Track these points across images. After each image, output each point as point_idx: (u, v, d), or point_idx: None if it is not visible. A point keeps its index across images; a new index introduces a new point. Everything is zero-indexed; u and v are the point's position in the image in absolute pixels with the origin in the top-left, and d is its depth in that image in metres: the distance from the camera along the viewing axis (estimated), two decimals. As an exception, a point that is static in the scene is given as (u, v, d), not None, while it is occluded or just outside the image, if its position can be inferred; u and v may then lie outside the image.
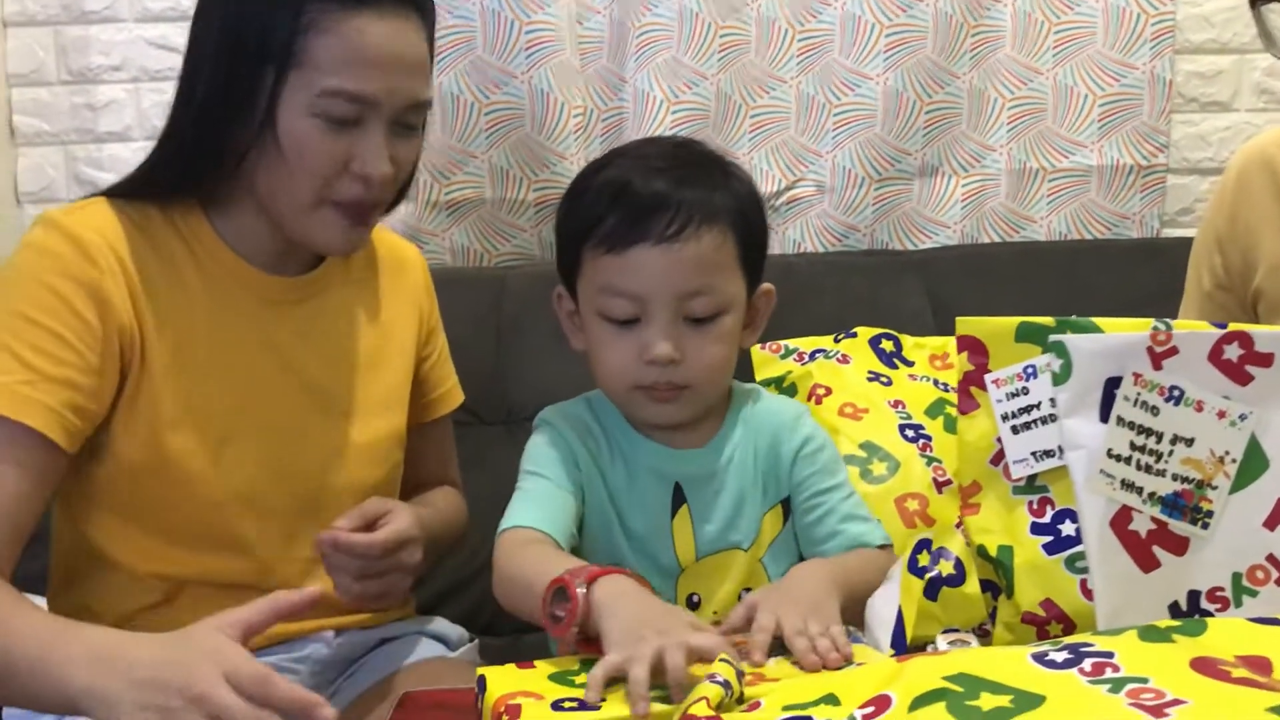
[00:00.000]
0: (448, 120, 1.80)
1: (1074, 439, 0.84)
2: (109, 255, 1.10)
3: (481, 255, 1.87)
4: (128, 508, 1.13)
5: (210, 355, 1.14)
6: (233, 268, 1.17)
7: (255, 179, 1.13)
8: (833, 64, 1.86)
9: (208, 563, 1.13)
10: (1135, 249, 1.84)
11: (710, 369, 1.12)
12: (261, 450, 1.15)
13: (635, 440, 1.16)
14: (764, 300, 1.19)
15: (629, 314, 1.10)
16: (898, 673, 0.68)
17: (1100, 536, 0.83)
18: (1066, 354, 0.83)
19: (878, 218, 1.90)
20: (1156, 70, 1.88)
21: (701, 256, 1.09)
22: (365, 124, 1.10)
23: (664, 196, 1.08)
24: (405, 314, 1.31)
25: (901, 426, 1.51)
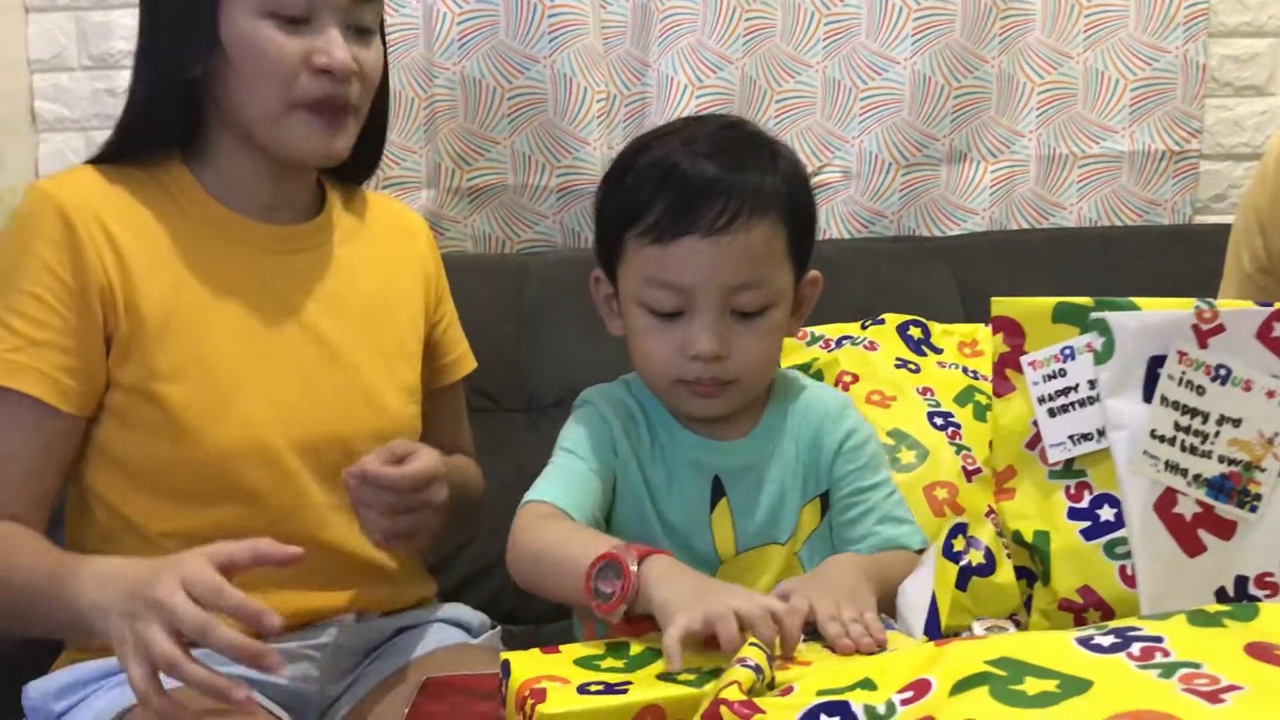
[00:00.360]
0: (470, 105, 1.79)
1: (1116, 419, 0.81)
2: (87, 217, 1.12)
3: (503, 242, 1.85)
4: (134, 469, 1.13)
5: (211, 306, 1.15)
6: (223, 219, 1.18)
7: (221, 105, 1.15)
8: (859, 48, 1.83)
9: (219, 516, 1.13)
10: (1168, 235, 1.81)
11: (756, 365, 1.08)
12: (268, 397, 1.15)
13: (675, 430, 1.13)
14: (810, 288, 1.15)
15: (673, 306, 1.06)
16: (936, 657, 0.65)
17: (1143, 520, 0.80)
18: (1109, 332, 0.81)
19: (905, 204, 1.87)
20: (1190, 54, 1.84)
21: (751, 249, 1.04)
22: (316, 21, 1.12)
23: (713, 183, 1.04)
24: (411, 276, 1.31)
25: (930, 414, 1.48)
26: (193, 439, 1.11)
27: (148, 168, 1.17)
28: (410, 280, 1.31)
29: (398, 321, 1.28)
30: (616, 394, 1.16)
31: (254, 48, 1.11)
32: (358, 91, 1.16)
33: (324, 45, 1.11)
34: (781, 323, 1.10)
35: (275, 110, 1.13)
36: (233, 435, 1.12)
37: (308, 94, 1.12)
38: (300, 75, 1.12)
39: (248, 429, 1.13)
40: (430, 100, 1.78)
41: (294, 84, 1.12)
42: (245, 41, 1.11)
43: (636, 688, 0.80)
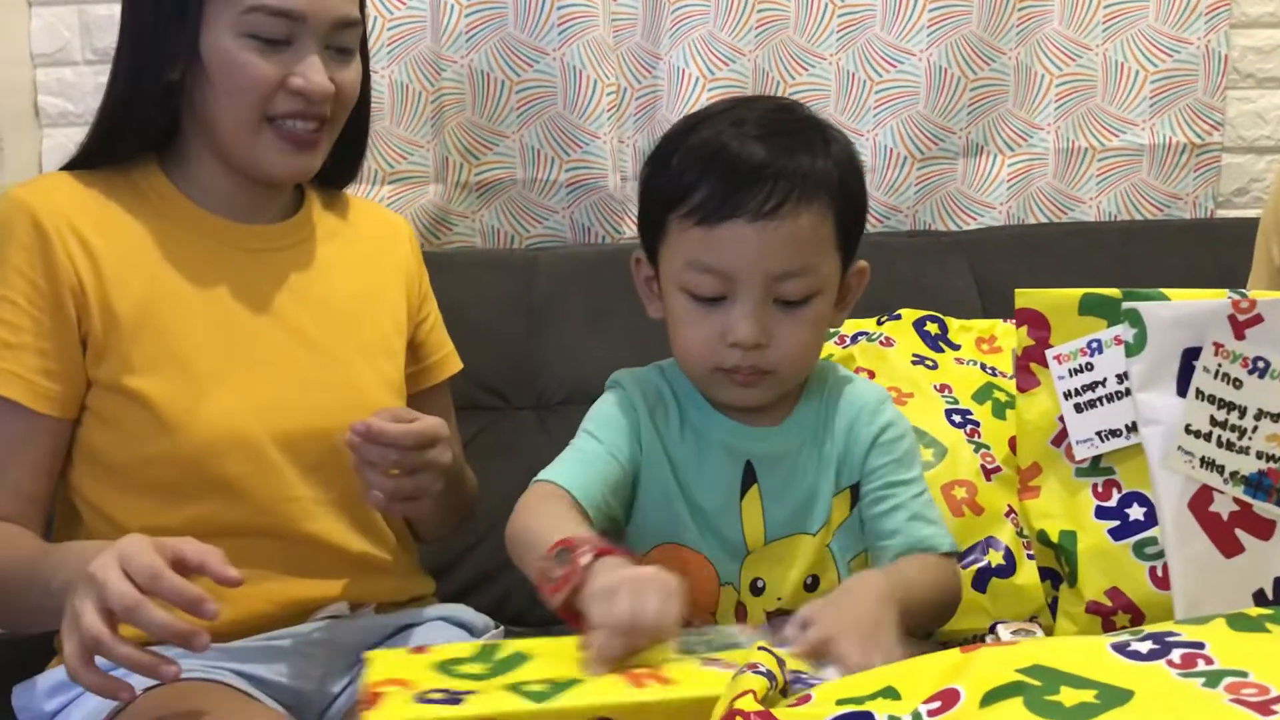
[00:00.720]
0: (478, 99, 1.76)
1: (1149, 414, 0.78)
2: (58, 221, 1.12)
3: (512, 237, 1.83)
4: (116, 467, 1.13)
5: (186, 301, 1.15)
6: (204, 221, 1.19)
7: (197, 116, 1.16)
8: (874, 39, 1.80)
9: (200, 511, 1.12)
10: (1191, 229, 1.78)
11: (797, 355, 1.06)
12: (247, 389, 1.15)
13: (707, 413, 1.11)
14: (857, 278, 1.11)
15: (715, 291, 1.03)
16: (963, 664, 0.62)
17: (1178, 519, 0.77)
18: (1141, 323, 0.78)
19: (920, 198, 1.84)
20: (1211, 45, 1.81)
21: (799, 236, 1.01)
22: (296, 42, 1.13)
23: (762, 167, 1.00)
24: (392, 276, 1.31)
25: (948, 412, 1.45)
26: (171, 433, 1.11)
27: (123, 172, 1.18)
28: (393, 280, 1.30)
29: (380, 319, 1.27)
30: (648, 376, 1.14)
31: (232, 66, 1.12)
32: (333, 109, 1.17)
33: (302, 69, 1.13)
34: (825, 313, 1.07)
35: (247, 126, 1.14)
36: (211, 428, 1.12)
37: (281, 110, 1.14)
38: (276, 95, 1.13)
39: (227, 421, 1.12)
40: (438, 94, 1.75)
41: (269, 102, 1.13)
42: (224, 59, 1.12)
43: (476, 699, 0.77)
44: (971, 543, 1.36)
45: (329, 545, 1.17)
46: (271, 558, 1.14)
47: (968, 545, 1.36)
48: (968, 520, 1.37)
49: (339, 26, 1.15)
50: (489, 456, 1.52)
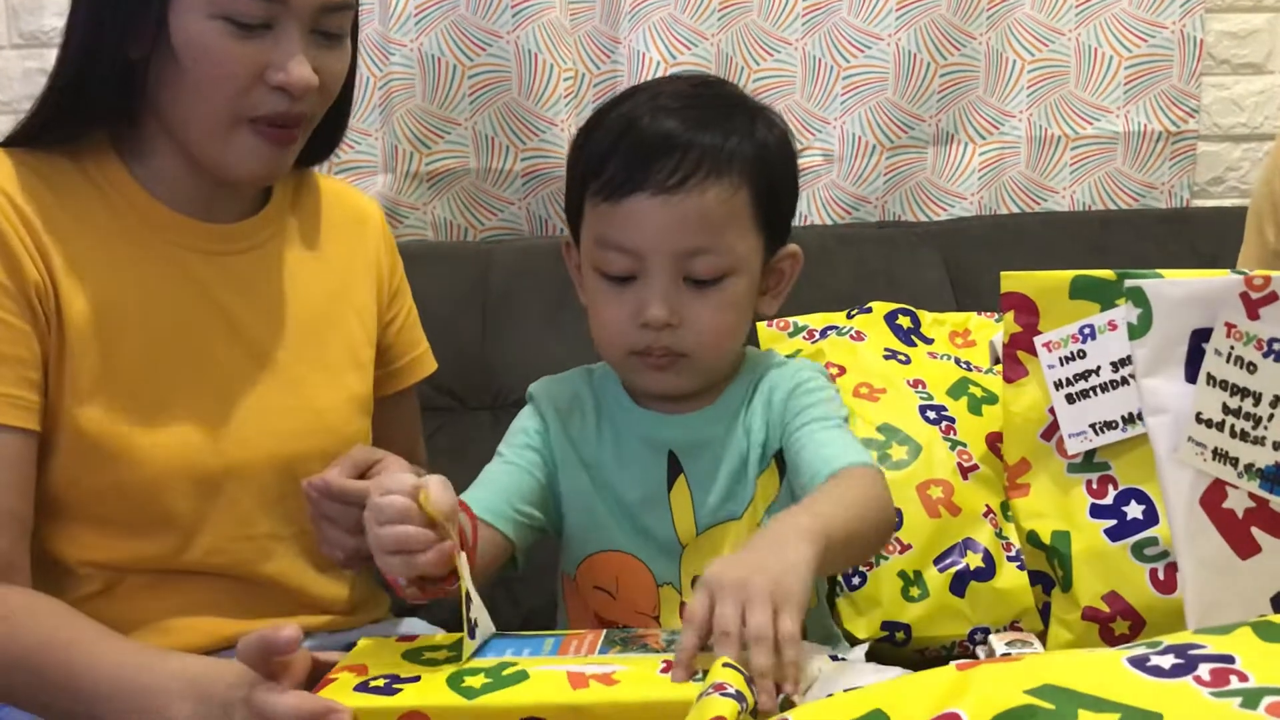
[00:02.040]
0: (428, 85, 1.68)
1: (1155, 402, 0.71)
2: (8, 209, 0.98)
3: (465, 230, 1.75)
4: (52, 496, 1.01)
5: (137, 315, 1.02)
6: (156, 216, 1.05)
7: (161, 104, 1.02)
8: (841, 23, 1.74)
9: (149, 549, 1.01)
10: (1169, 218, 1.73)
11: (711, 337, 1.01)
12: (198, 418, 1.03)
13: (627, 408, 1.07)
14: (789, 263, 1.07)
15: (625, 270, 0.99)
16: (962, 684, 0.55)
17: (1188, 517, 0.70)
18: (1146, 302, 0.71)
19: (889, 189, 1.78)
20: (1186, 29, 1.76)
21: (706, 211, 0.97)
22: (276, 28, 0.99)
23: (670, 139, 0.97)
24: (361, 273, 1.19)
25: (922, 408, 1.39)
26: (115, 464, 1.00)
27: (72, 154, 1.04)
28: (361, 277, 1.19)
29: (347, 327, 1.16)
30: (565, 381, 1.12)
31: (203, 51, 0.98)
32: (314, 105, 1.04)
33: (281, 59, 0.99)
34: (743, 295, 1.02)
35: (219, 123, 1.00)
36: (160, 459, 1.01)
37: (258, 111, 1.00)
38: (253, 90, 0.99)
39: (177, 451, 1.01)
40: (386, 79, 1.68)
41: (244, 98, 0.99)
42: (195, 44, 0.97)
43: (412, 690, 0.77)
44: (949, 545, 1.30)
45: (287, 588, 1.08)
46: (224, 599, 1.04)
47: (945, 548, 1.30)
48: (944, 521, 1.31)
49: (327, 10, 1.01)
50: (443, 459, 1.44)
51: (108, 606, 1.01)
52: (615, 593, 1.07)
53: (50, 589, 1.00)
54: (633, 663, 0.79)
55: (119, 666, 0.90)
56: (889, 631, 1.29)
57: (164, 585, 1.03)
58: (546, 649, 0.84)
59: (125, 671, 0.90)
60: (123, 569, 1.03)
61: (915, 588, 1.29)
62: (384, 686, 0.78)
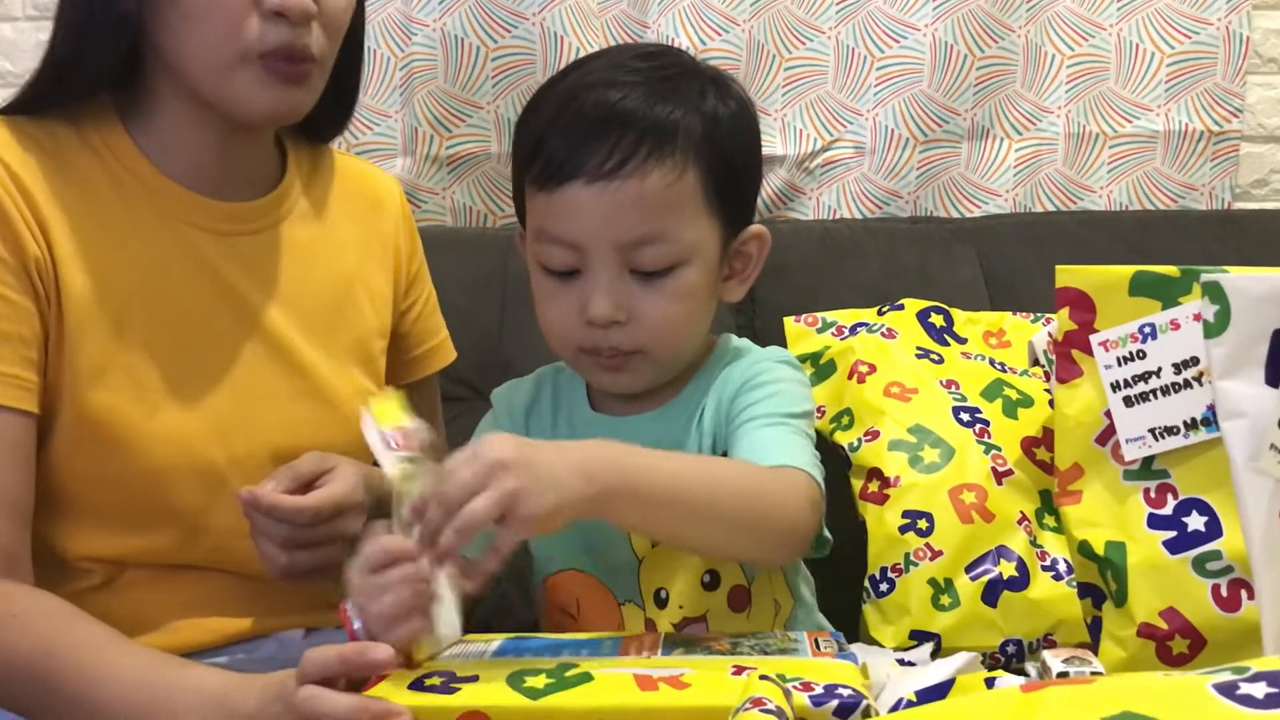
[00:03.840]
0: (450, 66, 1.64)
1: (1232, 405, 0.67)
2: (7, 180, 0.94)
3: (485, 216, 1.71)
4: (50, 485, 0.97)
5: (141, 294, 0.98)
6: (164, 191, 1.00)
7: (164, 50, 0.96)
8: (876, 12, 1.69)
9: (150, 542, 0.97)
10: (1211, 220, 1.68)
11: (662, 331, 0.94)
12: (206, 407, 0.99)
13: (582, 412, 1.01)
14: (755, 245, 1.00)
15: (567, 264, 0.93)
16: (1029, 708, 0.50)
17: (1268, 530, 0.66)
18: (1224, 298, 0.67)
19: (921, 183, 1.73)
20: (1232, 26, 1.71)
21: (647, 197, 0.90)
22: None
23: (608, 119, 0.90)
24: (377, 255, 1.14)
25: (955, 409, 1.35)
26: (116, 454, 0.95)
27: (75, 122, 0.99)
28: (377, 260, 1.14)
29: (361, 314, 1.11)
30: (524, 384, 1.07)
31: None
32: (320, 39, 0.98)
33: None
34: (697, 285, 0.95)
35: (222, 60, 0.95)
36: (162, 451, 0.96)
37: (261, 42, 0.94)
38: (250, 18, 0.94)
39: (180, 444, 0.97)
40: (407, 60, 1.64)
41: (242, 29, 0.94)
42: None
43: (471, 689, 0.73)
44: (981, 552, 1.26)
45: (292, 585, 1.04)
46: (227, 595, 1.01)
47: (977, 555, 1.26)
48: (977, 527, 1.26)
49: None
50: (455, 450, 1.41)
51: (107, 601, 0.96)
52: (577, 615, 1.01)
53: (48, 583, 0.96)
54: (700, 665, 0.75)
55: (136, 682, 0.86)
56: (917, 641, 1.24)
57: (166, 580, 0.99)
58: (605, 649, 0.80)
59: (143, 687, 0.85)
60: (123, 563, 0.99)
61: (945, 596, 1.25)
62: (441, 685, 0.74)
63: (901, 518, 1.27)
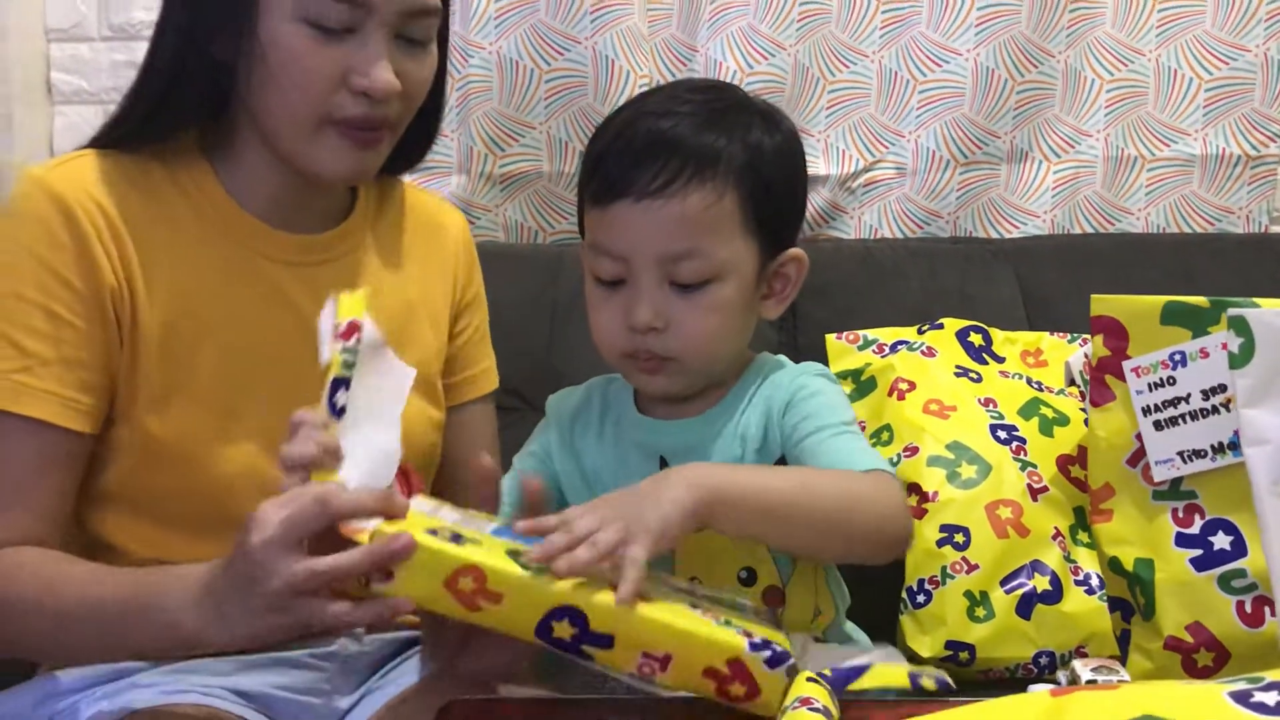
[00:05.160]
0: (505, 87, 1.70)
1: (1256, 433, 0.71)
2: (95, 213, 1.00)
3: (536, 232, 1.76)
4: (124, 494, 1.03)
5: (215, 322, 1.04)
6: (242, 225, 1.06)
7: (250, 104, 1.03)
8: (919, 37, 1.73)
9: (214, 548, 1.02)
10: (1249, 244, 1.71)
11: (699, 340, 1.01)
12: (269, 427, 1.03)
13: (630, 415, 1.09)
14: (794, 267, 1.06)
15: (615, 274, 1.01)
16: (1057, 712, 0.55)
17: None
18: (1248, 331, 0.71)
19: (962, 204, 1.77)
20: (1270, 53, 1.74)
21: (687, 216, 0.98)
22: (361, 32, 1.00)
23: (657, 145, 0.99)
24: (438, 284, 1.20)
25: (993, 427, 1.39)
26: (187, 470, 1.02)
27: (161, 155, 1.05)
28: (437, 285, 1.20)
29: (423, 340, 1.17)
30: (576, 391, 1.15)
31: (288, 54, 0.99)
32: (398, 109, 1.04)
33: (363, 64, 0.99)
34: (732, 299, 1.02)
35: (304, 124, 1.01)
36: (231, 468, 1.02)
37: (341, 113, 1.01)
38: (336, 93, 1.00)
39: (247, 461, 1.03)
40: (464, 81, 1.69)
41: (327, 100, 1.00)
42: (280, 45, 0.99)
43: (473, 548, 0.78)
44: (1016, 566, 1.30)
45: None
46: None
47: (1012, 569, 1.30)
48: (1012, 542, 1.30)
49: (412, 15, 1.02)
50: (504, 460, 1.46)
51: None
52: None
53: None
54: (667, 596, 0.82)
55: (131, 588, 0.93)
56: (953, 651, 1.29)
57: None
58: None
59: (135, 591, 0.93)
60: None
61: (981, 608, 1.29)
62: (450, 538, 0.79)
63: (939, 532, 1.31)
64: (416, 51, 1.04)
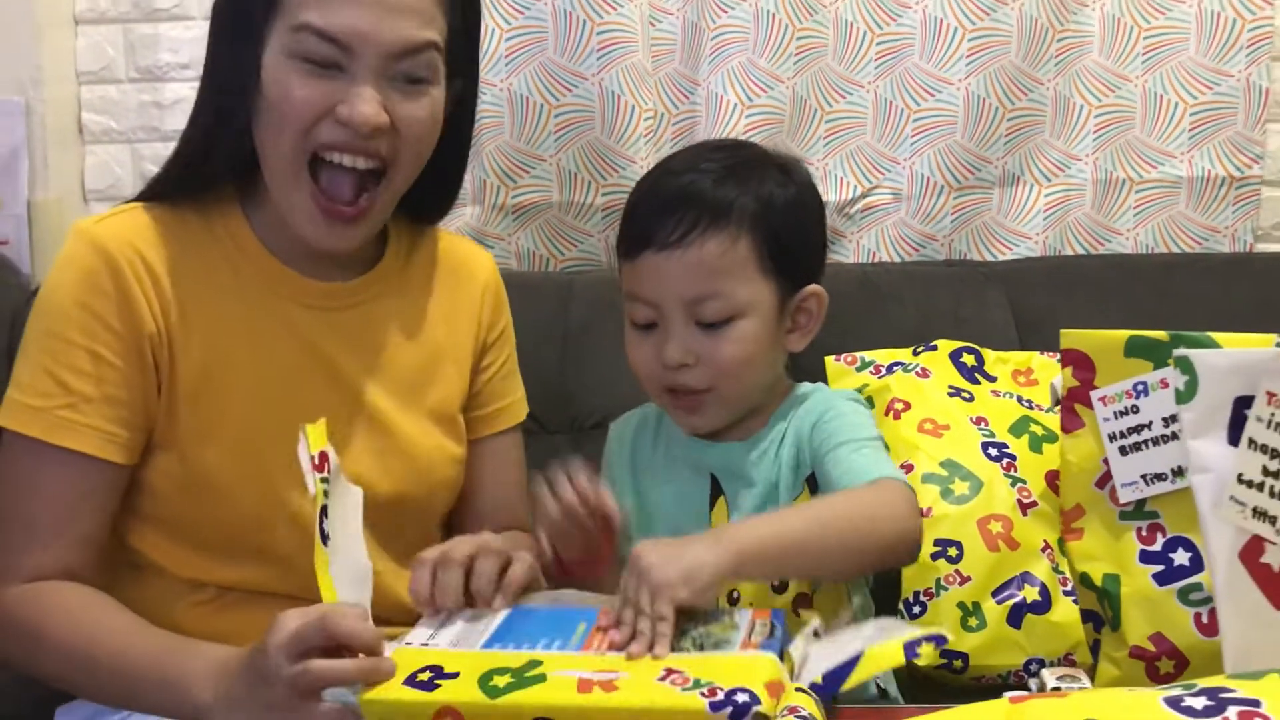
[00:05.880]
0: (516, 122, 1.77)
1: (1200, 462, 0.77)
2: (137, 263, 1.08)
3: (547, 260, 1.83)
4: (162, 518, 1.11)
5: (247, 365, 1.11)
6: (273, 272, 1.13)
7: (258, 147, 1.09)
8: (912, 68, 1.80)
9: (245, 573, 1.10)
10: (1231, 263, 1.76)
11: (729, 369, 1.10)
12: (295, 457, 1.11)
13: (680, 437, 1.18)
14: (814, 302, 1.16)
15: (648, 319, 1.12)
16: (1014, 717, 0.62)
17: (1229, 569, 0.76)
18: (1192, 370, 0.77)
19: (956, 228, 1.83)
20: (1252, 78, 1.80)
21: (705, 262, 1.08)
22: (350, 70, 1.04)
23: (676, 200, 1.09)
24: (464, 325, 1.25)
25: (984, 444, 1.44)
26: (218, 502, 1.09)
27: (202, 209, 1.12)
28: (464, 327, 1.25)
29: (447, 380, 1.22)
30: (632, 418, 1.25)
31: (281, 89, 1.04)
32: (389, 148, 1.07)
33: (350, 94, 1.03)
34: (755, 333, 1.11)
35: (290, 159, 1.05)
36: (259, 500, 1.09)
37: (325, 139, 1.04)
38: (321, 123, 1.04)
39: (274, 495, 1.09)
40: (478, 116, 1.75)
41: (312, 131, 1.04)
42: (275, 81, 1.04)
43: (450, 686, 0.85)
44: (1007, 578, 1.35)
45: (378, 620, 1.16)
46: None
47: (1003, 580, 1.35)
48: (1003, 555, 1.36)
49: (399, 56, 1.04)
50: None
51: (216, 617, 1.10)
52: None
53: (157, 600, 1.10)
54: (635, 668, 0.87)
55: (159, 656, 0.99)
56: (947, 659, 1.34)
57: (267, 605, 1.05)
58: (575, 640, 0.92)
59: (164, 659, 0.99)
60: (231, 588, 1.11)
61: (973, 618, 1.34)
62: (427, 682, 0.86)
63: (933, 545, 1.36)
64: (413, 91, 1.06)
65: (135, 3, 1.82)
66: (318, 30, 1.02)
